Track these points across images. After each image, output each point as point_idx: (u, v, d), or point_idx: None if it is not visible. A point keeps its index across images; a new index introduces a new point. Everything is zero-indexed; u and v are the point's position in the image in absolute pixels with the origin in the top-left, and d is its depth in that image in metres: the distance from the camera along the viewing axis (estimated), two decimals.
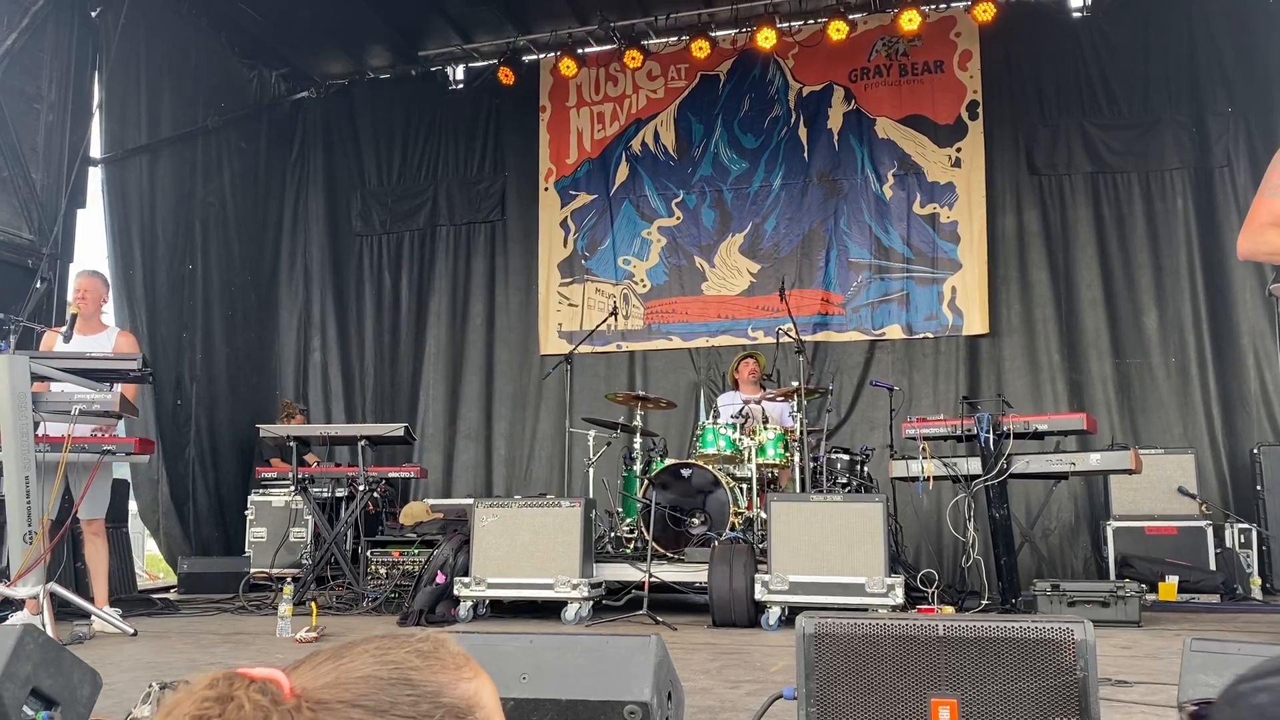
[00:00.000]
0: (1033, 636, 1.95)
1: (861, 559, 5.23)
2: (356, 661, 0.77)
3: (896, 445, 6.79)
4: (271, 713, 0.70)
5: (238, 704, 0.70)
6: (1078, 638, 1.93)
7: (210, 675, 0.73)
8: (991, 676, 1.97)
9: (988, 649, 1.97)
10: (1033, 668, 1.95)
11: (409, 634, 0.83)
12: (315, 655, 0.79)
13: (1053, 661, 1.94)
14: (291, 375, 9.80)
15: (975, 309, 8.29)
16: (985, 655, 1.97)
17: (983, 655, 1.97)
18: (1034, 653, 1.95)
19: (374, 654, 0.78)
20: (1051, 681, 1.95)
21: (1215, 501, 7.27)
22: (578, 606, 5.58)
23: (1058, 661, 1.95)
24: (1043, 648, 1.94)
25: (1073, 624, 1.94)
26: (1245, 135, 7.87)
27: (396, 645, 0.79)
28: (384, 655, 0.78)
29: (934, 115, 8.60)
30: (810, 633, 2.05)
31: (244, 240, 9.35)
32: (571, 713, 2.10)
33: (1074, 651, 1.94)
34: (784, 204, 8.91)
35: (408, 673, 0.77)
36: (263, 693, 0.71)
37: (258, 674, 0.73)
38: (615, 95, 9.47)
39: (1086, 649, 1.93)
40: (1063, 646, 1.95)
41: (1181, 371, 7.85)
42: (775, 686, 2.64)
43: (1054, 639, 1.94)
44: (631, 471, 6.74)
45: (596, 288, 9.26)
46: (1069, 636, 1.93)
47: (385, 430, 6.73)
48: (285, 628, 4.98)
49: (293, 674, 0.75)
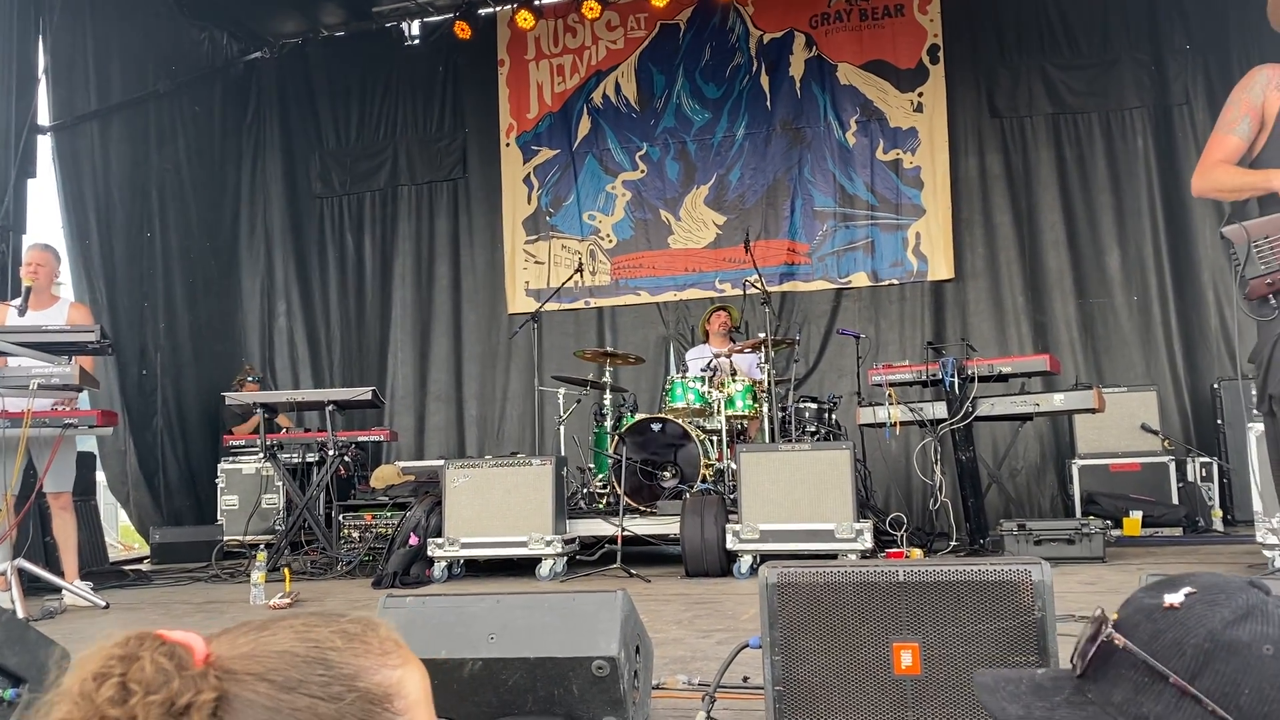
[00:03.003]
0: (991, 579, 1.98)
1: (830, 506, 5.29)
2: (277, 635, 0.75)
3: (864, 393, 6.83)
4: (174, 677, 0.69)
5: (140, 665, 0.69)
6: (1035, 579, 1.95)
7: (126, 634, 0.72)
8: (951, 619, 2.00)
9: (947, 592, 1.99)
10: (992, 609, 1.98)
11: (338, 615, 0.80)
12: (244, 624, 0.78)
13: (1011, 602, 1.97)
14: (256, 342, 9.72)
15: (940, 254, 8.32)
16: (945, 598, 2.00)
17: (942, 598, 1.99)
18: (992, 594, 1.98)
19: (297, 630, 0.76)
20: (1010, 622, 1.98)
21: (1177, 437, 7.39)
22: (552, 563, 5.62)
23: (1016, 602, 1.98)
24: (1001, 589, 1.97)
25: (1030, 565, 1.96)
26: (1203, 73, 7.90)
27: (323, 624, 0.77)
28: (307, 632, 0.76)
29: (895, 60, 8.56)
30: (773, 582, 2.07)
31: (202, 206, 9.20)
32: (540, 670, 2.12)
33: (1032, 592, 1.97)
34: (748, 154, 8.86)
35: (326, 652, 0.75)
36: (169, 656, 0.70)
37: (173, 637, 0.72)
38: (574, 47, 9.35)
39: (1044, 589, 1.96)
40: (1020, 588, 1.97)
41: (1144, 310, 7.94)
42: (746, 634, 2.67)
43: (1012, 580, 1.97)
44: (602, 428, 6.76)
45: (563, 244, 9.20)
46: (1026, 578, 1.96)
47: (353, 394, 6.70)
48: (258, 595, 4.98)
49: (213, 641, 0.74)
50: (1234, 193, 2.97)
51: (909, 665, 2.02)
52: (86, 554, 6.23)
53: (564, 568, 5.71)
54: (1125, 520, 6.53)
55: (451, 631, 2.16)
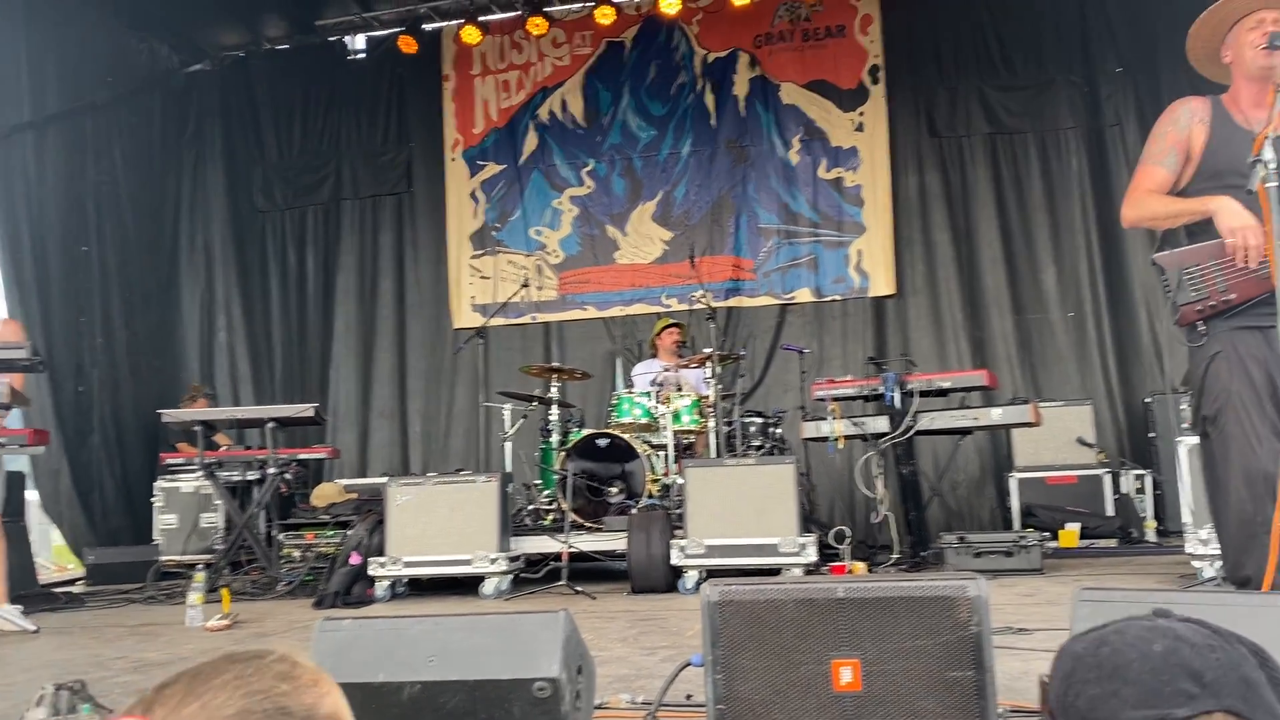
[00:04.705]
0: (928, 595, 2.00)
1: (775, 520, 5.32)
2: (221, 696, 0.74)
3: (808, 407, 6.89)
4: None
5: None
6: (970, 594, 1.98)
7: None
8: (890, 635, 2.02)
9: (885, 609, 2.02)
10: (929, 625, 2.00)
11: (258, 655, 0.80)
12: (165, 692, 0.76)
13: (947, 618, 2.00)
14: (196, 358, 9.54)
15: (881, 271, 8.44)
16: (883, 615, 2.02)
17: (881, 615, 2.02)
18: (930, 610, 2.00)
19: (236, 685, 0.75)
20: (947, 637, 2.00)
21: (1112, 450, 7.56)
22: (497, 581, 5.58)
23: (952, 617, 2.00)
24: (937, 605, 2.00)
25: (966, 580, 1.99)
26: (1134, 95, 8.12)
27: (255, 673, 0.77)
28: (248, 686, 0.75)
29: (837, 80, 8.69)
30: (715, 600, 2.08)
31: (141, 219, 9.04)
32: (480, 693, 2.11)
33: (968, 607, 2.00)
34: (693, 171, 8.93)
35: (278, 700, 0.75)
36: None
37: None
38: (520, 63, 9.35)
39: (980, 604, 1.99)
40: (957, 603, 2.00)
41: (1079, 326, 8.12)
42: (691, 651, 2.68)
43: (948, 596, 2.00)
44: (549, 444, 6.74)
45: (509, 259, 9.18)
46: (963, 593, 1.99)
47: (294, 411, 6.60)
48: (196, 617, 4.88)
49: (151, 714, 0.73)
50: (1168, 220, 3.04)
51: (849, 681, 2.04)
52: (16, 576, 6.04)
53: (509, 586, 5.67)
54: (1062, 532, 6.65)
55: (390, 654, 2.14)
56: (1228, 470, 2.81)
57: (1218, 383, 2.85)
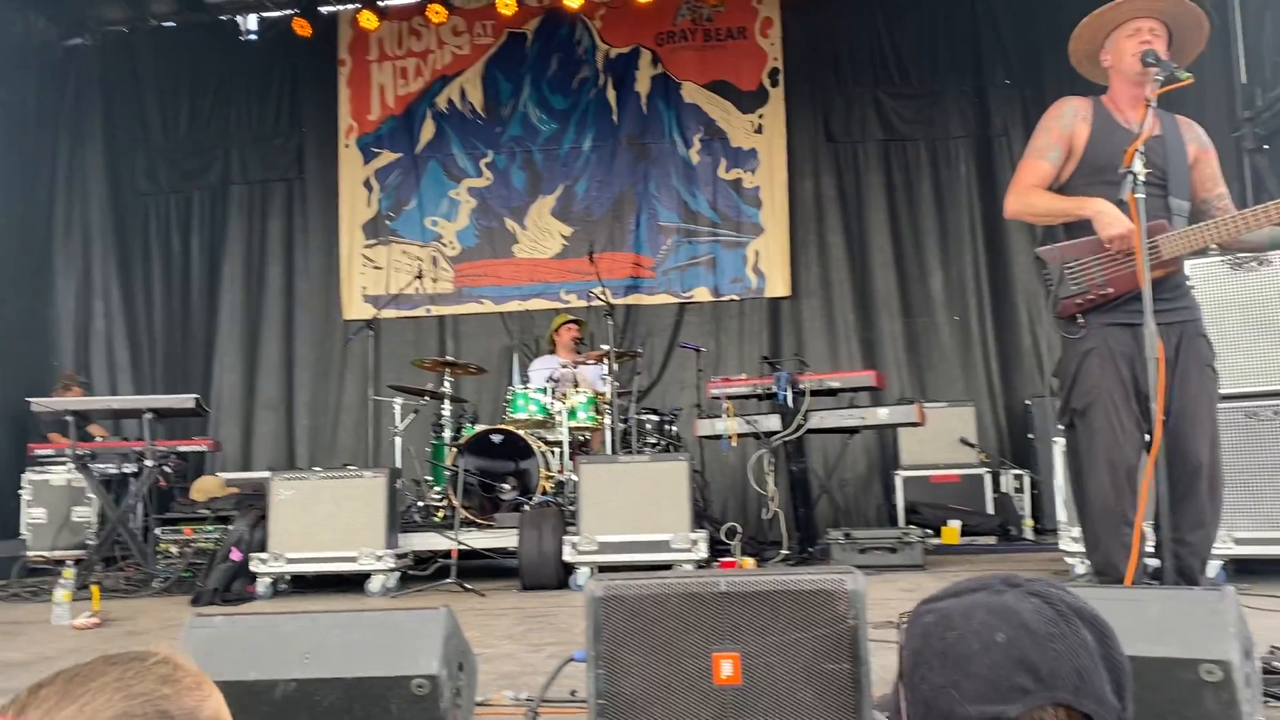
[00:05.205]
0: (807, 588, 2.03)
1: (667, 516, 5.35)
2: (100, 699, 0.71)
3: (704, 405, 6.95)
4: None
5: None
6: (848, 588, 2.01)
7: None
8: (770, 628, 2.04)
9: (766, 602, 2.04)
10: (808, 618, 2.03)
11: (139, 656, 0.77)
12: (41, 693, 0.72)
13: (826, 611, 2.03)
14: (71, 345, 9.12)
15: (777, 272, 8.56)
16: (764, 608, 2.04)
17: (761, 608, 2.04)
18: (808, 603, 2.03)
19: (117, 688, 0.72)
20: (825, 630, 2.03)
21: (993, 450, 7.81)
22: (383, 578, 5.48)
23: (830, 611, 2.03)
24: (816, 598, 2.02)
25: (844, 574, 2.03)
26: (1021, 107, 8.41)
27: (136, 675, 0.74)
28: (129, 689, 0.72)
29: (737, 81, 8.77)
30: (598, 596, 2.07)
31: (12, 199, 8.58)
32: (358, 690, 2.05)
33: (846, 601, 2.03)
34: (594, 166, 8.91)
35: (159, 703, 0.73)
36: None
37: None
38: (419, 50, 9.19)
39: (857, 598, 2.02)
40: (835, 597, 2.03)
41: (964, 329, 8.38)
42: (579, 647, 2.67)
43: (826, 590, 2.02)
44: (441, 439, 6.64)
45: (403, 249, 9.02)
46: (840, 587, 2.02)
47: (173, 402, 6.36)
48: (62, 614, 4.66)
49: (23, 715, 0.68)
50: (1048, 217, 3.17)
51: (729, 675, 2.05)
52: None
53: (396, 583, 5.57)
54: (944, 529, 6.85)
55: (263, 651, 2.07)
56: (1093, 461, 2.93)
57: (1089, 379, 2.97)
